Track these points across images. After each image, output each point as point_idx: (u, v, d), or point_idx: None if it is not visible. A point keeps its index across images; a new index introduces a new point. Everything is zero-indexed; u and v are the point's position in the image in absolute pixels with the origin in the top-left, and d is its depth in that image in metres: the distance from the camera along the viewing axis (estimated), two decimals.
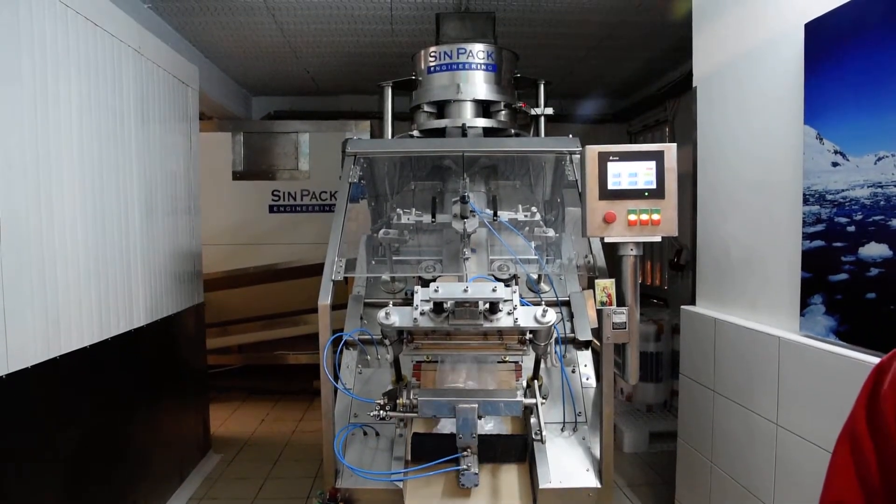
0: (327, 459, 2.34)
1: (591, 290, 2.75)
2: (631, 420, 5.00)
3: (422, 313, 2.05)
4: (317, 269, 2.49)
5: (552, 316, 2.05)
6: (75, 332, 2.94)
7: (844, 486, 1.02)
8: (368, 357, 2.66)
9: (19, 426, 2.53)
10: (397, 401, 2.11)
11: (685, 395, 3.33)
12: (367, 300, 2.84)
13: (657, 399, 5.14)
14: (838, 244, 2.27)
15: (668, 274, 6.19)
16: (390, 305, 2.07)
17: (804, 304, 2.44)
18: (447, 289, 2.00)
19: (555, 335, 2.30)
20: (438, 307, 2.04)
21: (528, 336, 2.13)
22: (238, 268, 6.13)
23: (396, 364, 2.31)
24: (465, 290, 1.98)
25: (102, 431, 3.21)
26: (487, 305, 2.03)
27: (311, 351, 5.79)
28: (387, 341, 2.18)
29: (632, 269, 2.36)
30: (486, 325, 2.05)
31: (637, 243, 2.33)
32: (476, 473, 2.11)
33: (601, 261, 2.53)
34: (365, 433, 2.43)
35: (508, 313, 2.05)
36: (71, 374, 2.89)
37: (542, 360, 2.47)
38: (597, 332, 2.52)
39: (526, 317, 2.06)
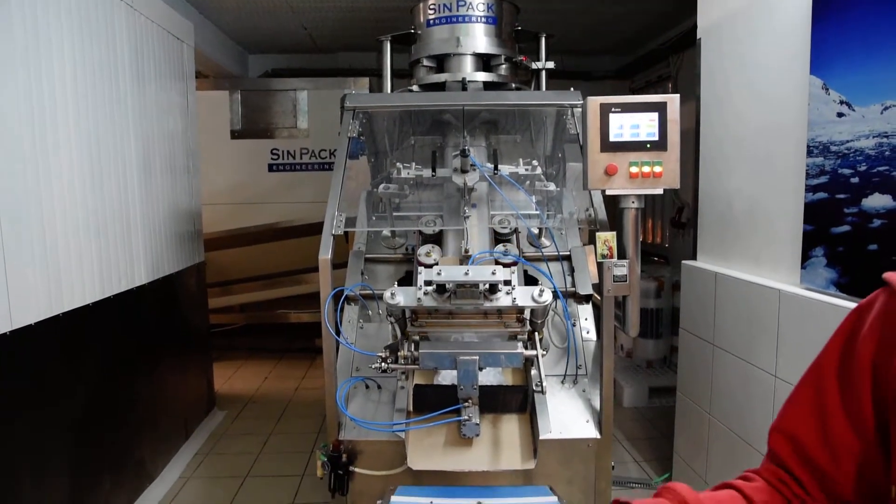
0: (330, 412, 2.36)
1: (593, 246, 2.75)
2: (631, 375, 5.05)
3: (425, 293, 2.10)
4: (317, 228, 2.48)
5: (548, 296, 2.09)
6: (77, 290, 2.95)
7: (801, 420, 1.01)
8: (370, 312, 2.67)
9: (25, 382, 2.56)
10: (398, 353, 2.13)
11: (685, 349, 3.36)
12: (367, 256, 2.84)
13: (657, 355, 5.19)
14: (841, 196, 2.26)
15: (670, 232, 6.19)
16: (395, 286, 2.12)
17: (805, 256, 2.43)
18: (449, 272, 2.06)
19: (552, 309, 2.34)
20: (441, 288, 2.09)
21: (526, 314, 2.17)
22: (238, 227, 6.13)
23: (400, 322, 2.32)
24: (466, 273, 2.04)
25: (107, 388, 3.24)
26: (487, 286, 2.09)
27: (313, 310, 5.82)
28: (391, 319, 2.23)
29: (633, 222, 2.35)
30: (486, 304, 2.10)
31: (638, 196, 2.31)
32: (477, 424, 2.14)
33: (602, 214, 2.51)
34: (367, 386, 2.45)
35: (507, 293, 2.11)
36: (74, 331, 2.91)
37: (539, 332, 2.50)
38: (598, 288, 2.53)
39: (524, 296, 2.11)
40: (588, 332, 2.62)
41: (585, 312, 2.68)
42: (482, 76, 3.27)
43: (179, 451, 4.13)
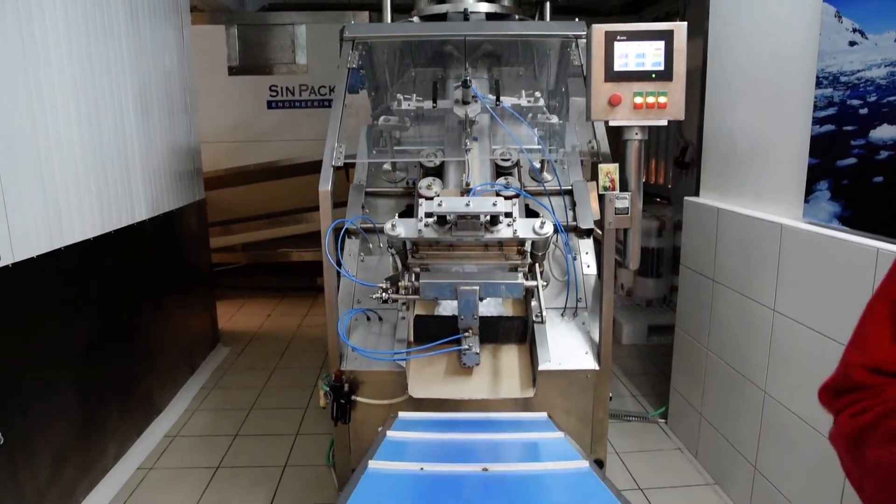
0: (332, 343, 2.39)
1: (595, 182, 2.73)
2: (630, 314, 5.09)
3: (426, 225, 2.09)
4: (317, 166, 2.45)
5: (549, 228, 2.08)
6: (77, 225, 2.94)
7: (885, 346, 0.99)
8: (370, 245, 2.67)
9: (28, 313, 2.58)
10: (399, 284, 2.14)
11: (685, 285, 3.37)
12: (368, 189, 2.82)
13: (657, 294, 5.22)
14: (849, 128, 2.22)
15: (673, 172, 6.13)
16: (395, 217, 2.10)
17: (809, 190, 2.41)
18: (450, 203, 2.04)
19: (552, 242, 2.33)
20: (442, 219, 2.08)
21: (527, 246, 2.16)
22: (239, 166, 6.08)
23: (401, 254, 2.32)
24: (467, 205, 2.03)
25: (112, 322, 3.28)
26: (488, 218, 2.07)
27: (315, 248, 5.83)
28: (392, 251, 2.23)
29: (636, 154, 2.32)
30: (487, 236, 2.09)
31: (642, 127, 2.28)
32: (477, 353, 2.16)
33: (605, 146, 2.48)
34: (368, 318, 2.47)
35: (508, 225, 2.10)
36: (76, 264, 2.92)
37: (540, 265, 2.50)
38: (599, 224, 2.52)
39: (525, 228, 2.10)
40: (588, 267, 2.62)
41: (586, 247, 2.68)
42: (485, 6, 3.18)
43: (185, 384, 4.21)
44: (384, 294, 2.14)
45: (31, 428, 2.56)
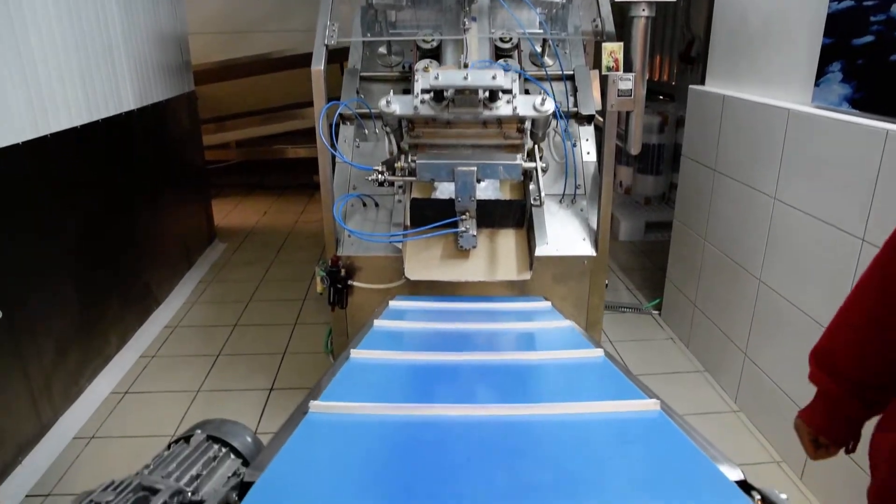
0: (328, 228, 2.37)
1: (597, 70, 2.62)
2: (628, 211, 5.07)
3: (422, 101, 1.99)
4: (311, 59, 2.33)
5: (550, 105, 1.98)
6: (63, 113, 2.86)
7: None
8: (366, 131, 2.60)
9: (20, 202, 2.54)
10: (395, 166, 2.08)
11: (685, 176, 3.32)
12: (363, 74, 2.72)
13: (656, 192, 5.18)
14: (869, 3, 2.11)
15: (677, 68, 5.94)
16: (391, 94, 2.01)
17: (821, 73, 2.32)
18: (447, 76, 1.93)
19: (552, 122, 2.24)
20: (438, 95, 1.98)
21: (527, 125, 2.07)
22: (229, 58, 5.86)
23: (396, 133, 2.26)
24: (465, 78, 1.91)
25: (107, 215, 3.25)
26: (487, 94, 1.97)
27: (310, 145, 5.72)
28: (387, 129, 2.14)
29: (642, 33, 2.23)
30: (486, 112, 1.99)
31: (650, 3, 2.16)
32: (474, 235, 2.14)
33: (609, 26, 2.36)
34: (364, 204, 2.44)
35: (508, 102, 2.00)
36: (65, 153, 2.85)
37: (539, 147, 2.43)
38: (601, 113, 2.45)
39: (525, 105, 2.00)
40: (588, 154, 2.57)
41: (587, 133, 2.62)
42: None
43: (183, 278, 4.23)
44: (380, 176, 2.09)
45: (33, 316, 2.58)
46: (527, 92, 2.53)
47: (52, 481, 2.41)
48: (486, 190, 2.39)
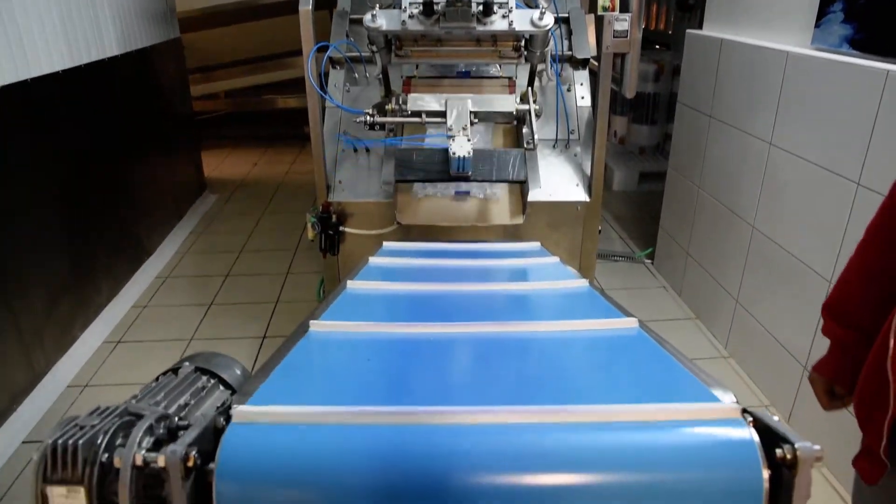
0: (318, 175, 2.33)
1: (593, 14, 2.56)
2: (622, 161, 5.03)
3: (410, 16, 1.88)
4: (298, 5, 2.24)
5: (549, 19, 1.89)
6: (44, 58, 2.78)
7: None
8: (356, 75, 2.54)
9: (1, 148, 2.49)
10: (386, 108, 2.03)
11: (681, 123, 3.28)
12: (353, 17, 2.64)
13: (650, 142, 5.12)
14: None
15: (675, 16, 5.82)
16: (377, 8, 1.90)
17: (821, 13, 2.27)
18: None
19: (551, 45, 2.16)
20: (428, 8, 1.86)
21: (524, 42, 1.99)
22: (214, 4, 5.70)
23: (385, 76, 2.20)
24: None
25: (93, 163, 3.19)
26: (481, 7, 1.86)
27: (300, 94, 5.62)
28: (374, 48, 2.03)
29: None
30: (480, 28, 1.89)
31: None
32: (469, 172, 2.08)
33: None
34: (355, 150, 2.40)
35: (503, 16, 1.89)
36: (47, 99, 2.79)
37: (538, 77, 2.37)
38: (596, 58, 2.39)
39: (522, 20, 1.90)
40: (583, 98, 2.52)
41: (581, 78, 2.57)
42: None
43: (174, 229, 4.19)
44: (370, 119, 2.04)
45: (20, 266, 2.55)
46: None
47: (48, 428, 2.43)
48: (479, 143, 2.33)
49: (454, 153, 1.96)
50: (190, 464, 0.60)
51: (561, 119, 2.43)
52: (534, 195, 2.25)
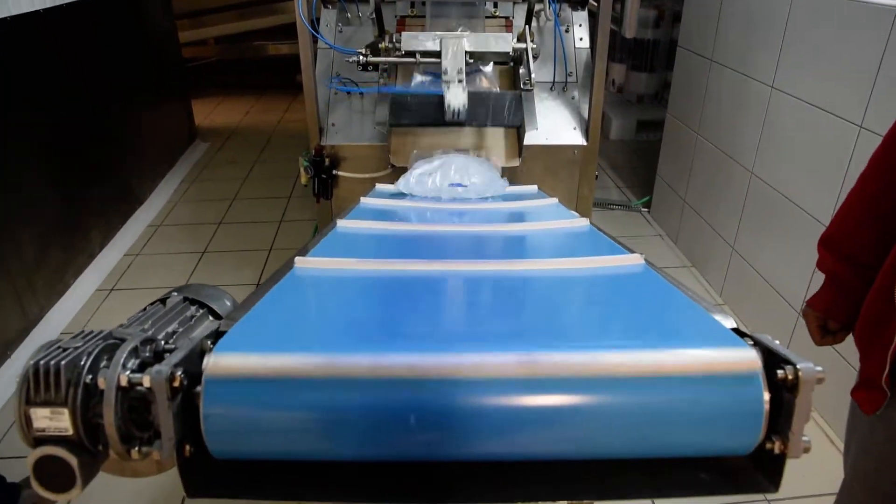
0: (310, 117, 2.28)
1: None
2: (620, 109, 4.96)
3: None
4: None
5: None
6: None
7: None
8: (349, 15, 2.47)
9: None
10: (380, 47, 1.97)
11: (680, 68, 3.22)
12: None
13: (648, 90, 5.05)
14: None
15: None
16: None
17: None
18: None
19: None
20: None
21: None
22: None
23: (378, 15, 2.13)
24: None
25: (79, 110, 3.12)
26: None
27: (292, 41, 5.50)
28: None
29: None
30: None
31: None
32: (464, 105, 2.02)
33: None
34: (349, 93, 2.34)
35: None
36: (28, 39, 2.70)
37: (535, 17, 2.30)
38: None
39: None
40: (581, 40, 2.45)
41: (580, 19, 2.49)
42: None
43: (165, 178, 4.14)
44: (363, 59, 1.98)
45: (8, 214, 2.51)
46: None
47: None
48: (475, 86, 2.27)
49: (449, 104, 1.93)
50: (176, 384, 0.59)
51: (559, 61, 2.37)
52: (530, 138, 2.21)
